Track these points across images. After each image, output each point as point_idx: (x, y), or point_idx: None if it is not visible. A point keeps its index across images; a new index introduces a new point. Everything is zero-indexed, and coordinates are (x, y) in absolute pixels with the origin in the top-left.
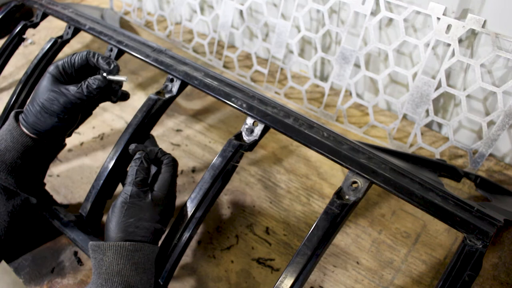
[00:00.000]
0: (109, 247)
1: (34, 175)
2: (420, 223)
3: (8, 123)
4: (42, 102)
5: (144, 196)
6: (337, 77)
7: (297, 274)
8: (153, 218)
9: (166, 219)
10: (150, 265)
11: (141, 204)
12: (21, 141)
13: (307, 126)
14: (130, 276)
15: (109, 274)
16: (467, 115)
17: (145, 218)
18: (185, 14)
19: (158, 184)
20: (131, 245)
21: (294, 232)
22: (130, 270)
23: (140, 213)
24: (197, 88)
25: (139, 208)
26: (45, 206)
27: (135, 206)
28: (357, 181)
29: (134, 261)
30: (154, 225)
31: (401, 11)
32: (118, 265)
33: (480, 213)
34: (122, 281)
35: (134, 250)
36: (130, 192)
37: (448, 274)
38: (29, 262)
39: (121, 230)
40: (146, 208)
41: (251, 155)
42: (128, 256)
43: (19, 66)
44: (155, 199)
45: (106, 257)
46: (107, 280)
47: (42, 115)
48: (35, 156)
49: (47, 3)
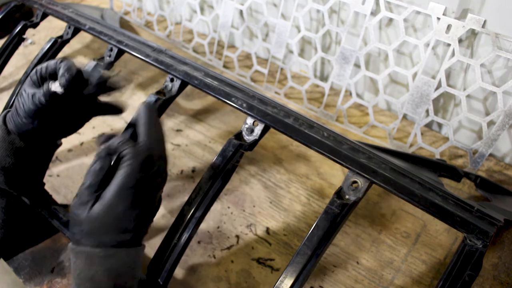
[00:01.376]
0: (80, 252)
1: (28, 175)
2: (420, 223)
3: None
4: (15, 104)
5: (82, 210)
6: (337, 77)
7: (297, 274)
8: (100, 230)
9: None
10: (126, 268)
11: (78, 220)
12: (8, 139)
13: (307, 126)
14: (102, 282)
15: (82, 279)
16: (467, 115)
17: (89, 232)
18: (185, 14)
19: (105, 192)
20: (102, 251)
21: (294, 232)
22: (102, 276)
23: (82, 228)
24: (197, 88)
25: (78, 224)
26: (43, 206)
27: (74, 220)
28: (357, 181)
29: (106, 267)
30: (106, 237)
31: (401, 11)
32: (90, 270)
33: (480, 213)
34: (94, 287)
35: (106, 256)
36: (73, 203)
37: (448, 274)
38: (29, 262)
39: (78, 232)
40: (85, 224)
41: (251, 155)
42: (100, 262)
43: (19, 66)
44: (91, 215)
45: (78, 260)
46: (80, 285)
47: (16, 116)
48: (27, 155)
49: (47, 3)
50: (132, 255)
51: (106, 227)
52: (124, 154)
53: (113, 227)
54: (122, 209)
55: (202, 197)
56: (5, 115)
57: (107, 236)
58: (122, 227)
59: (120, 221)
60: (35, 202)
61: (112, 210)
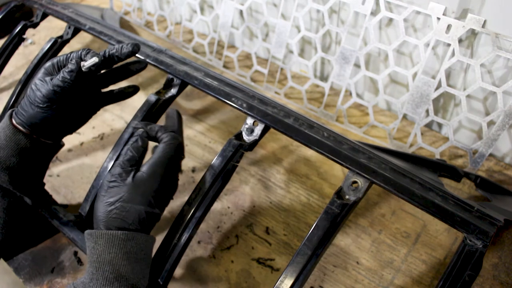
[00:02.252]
0: (101, 235)
1: (31, 175)
2: (420, 223)
3: (3, 122)
4: (28, 93)
5: (125, 176)
6: (337, 77)
7: (297, 274)
8: (135, 199)
9: (156, 202)
10: (143, 255)
11: (121, 185)
12: (14, 139)
13: (307, 126)
14: (121, 266)
15: (100, 262)
16: (467, 115)
17: (127, 199)
18: (185, 14)
19: (147, 163)
20: (123, 234)
21: (294, 232)
22: (121, 259)
23: (121, 194)
24: (197, 88)
25: (119, 189)
26: (43, 206)
27: (116, 187)
28: (357, 181)
29: (126, 250)
30: (138, 208)
31: (401, 11)
32: (110, 254)
33: (480, 213)
34: (113, 270)
35: (126, 239)
36: (113, 172)
37: (448, 274)
38: (29, 262)
39: (105, 213)
40: (127, 189)
41: (251, 155)
42: (120, 245)
43: (19, 66)
44: (136, 180)
45: (97, 245)
46: (98, 268)
47: (29, 106)
48: (31, 155)
49: (47, 3)
50: (149, 241)
51: (145, 195)
52: (163, 137)
53: (147, 196)
54: (158, 179)
55: (202, 197)
56: (11, 113)
57: (141, 207)
58: (152, 199)
59: (155, 192)
60: (37, 202)
61: (154, 178)
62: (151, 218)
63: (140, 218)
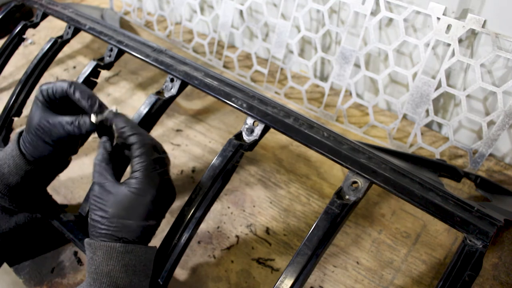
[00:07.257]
0: (99, 246)
1: (37, 193)
2: (420, 223)
3: (11, 148)
4: (35, 131)
5: (107, 194)
6: (337, 77)
7: (297, 274)
8: (129, 215)
9: (152, 215)
10: (142, 266)
11: (106, 203)
12: (24, 168)
13: (307, 126)
14: (119, 278)
15: (98, 274)
16: (467, 115)
17: (118, 215)
18: (185, 14)
19: (133, 179)
20: (122, 247)
21: (294, 232)
22: (119, 272)
23: (110, 210)
24: (197, 88)
25: (105, 206)
26: (51, 215)
27: (102, 204)
28: (357, 181)
29: (124, 263)
30: (131, 223)
31: (401, 11)
32: (108, 266)
33: (480, 213)
34: (111, 282)
35: (125, 252)
36: (93, 192)
37: (448, 274)
38: (29, 262)
39: (99, 223)
40: (115, 206)
41: (251, 155)
42: (118, 258)
43: (19, 66)
44: (124, 197)
45: (96, 256)
46: (96, 280)
47: (38, 143)
48: (38, 177)
49: (47, 3)
50: (148, 253)
51: (137, 211)
52: (132, 147)
53: (139, 211)
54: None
55: (202, 197)
56: (19, 136)
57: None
58: (147, 211)
59: (146, 205)
60: (45, 214)
61: (144, 193)
62: (148, 231)
63: (135, 233)
